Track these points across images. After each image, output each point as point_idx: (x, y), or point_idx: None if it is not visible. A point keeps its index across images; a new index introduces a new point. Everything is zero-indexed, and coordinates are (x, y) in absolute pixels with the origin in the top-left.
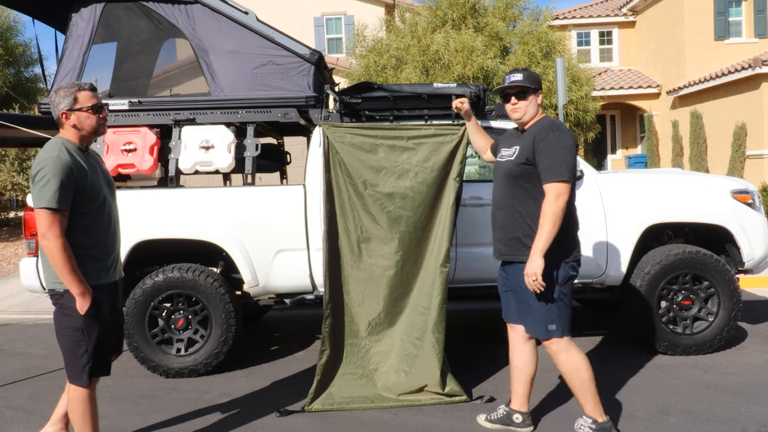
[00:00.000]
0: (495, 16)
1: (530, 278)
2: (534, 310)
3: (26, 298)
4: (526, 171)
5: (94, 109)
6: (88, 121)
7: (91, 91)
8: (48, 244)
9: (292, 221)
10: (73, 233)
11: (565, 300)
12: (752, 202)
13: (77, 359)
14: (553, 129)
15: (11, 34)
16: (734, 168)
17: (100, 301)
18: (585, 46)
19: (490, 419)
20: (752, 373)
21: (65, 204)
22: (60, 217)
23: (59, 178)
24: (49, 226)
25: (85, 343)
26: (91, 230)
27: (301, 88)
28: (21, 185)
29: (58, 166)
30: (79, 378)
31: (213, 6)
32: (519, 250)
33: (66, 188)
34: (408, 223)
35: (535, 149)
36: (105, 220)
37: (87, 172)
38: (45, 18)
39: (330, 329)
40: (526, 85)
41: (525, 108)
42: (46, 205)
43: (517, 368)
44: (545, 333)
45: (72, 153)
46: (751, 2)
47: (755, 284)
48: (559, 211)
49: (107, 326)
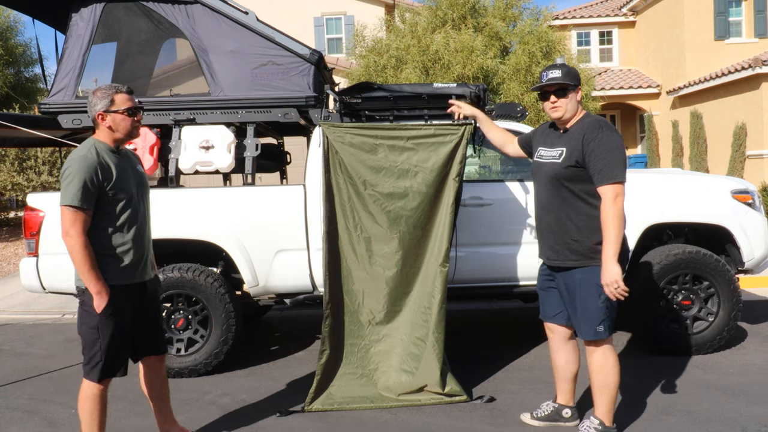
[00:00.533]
0: (495, 16)
1: (611, 287)
2: (584, 313)
3: (26, 298)
4: (575, 174)
5: (130, 112)
6: (123, 123)
7: (128, 94)
8: (70, 242)
9: (292, 221)
10: (96, 232)
11: (611, 300)
12: (752, 202)
13: (92, 356)
14: (602, 129)
15: (11, 33)
16: (734, 168)
17: (119, 301)
18: (585, 46)
19: (537, 417)
20: (752, 373)
21: (87, 203)
22: (83, 215)
23: (83, 177)
24: (71, 223)
25: (99, 340)
26: (114, 230)
27: (301, 88)
28: (21, 185)
29: (84, 166)
30: (90, 374)
31: (213, 6)
32: (568, 255)
33: (88, 188)
34: (408, 223)
35: (584, 151)
36: (129, 220)
37: (114, 173)
38: (45, 18)
39: (330, 329)
40: (565, 82)
41: (565, 106)
42: (69, 203)
43: (560, 367)
44: (594, 335)
45: (101, 153)
46: (751, 2)
47: (755, 284)
48: (620, 212)
49: (123, 327)
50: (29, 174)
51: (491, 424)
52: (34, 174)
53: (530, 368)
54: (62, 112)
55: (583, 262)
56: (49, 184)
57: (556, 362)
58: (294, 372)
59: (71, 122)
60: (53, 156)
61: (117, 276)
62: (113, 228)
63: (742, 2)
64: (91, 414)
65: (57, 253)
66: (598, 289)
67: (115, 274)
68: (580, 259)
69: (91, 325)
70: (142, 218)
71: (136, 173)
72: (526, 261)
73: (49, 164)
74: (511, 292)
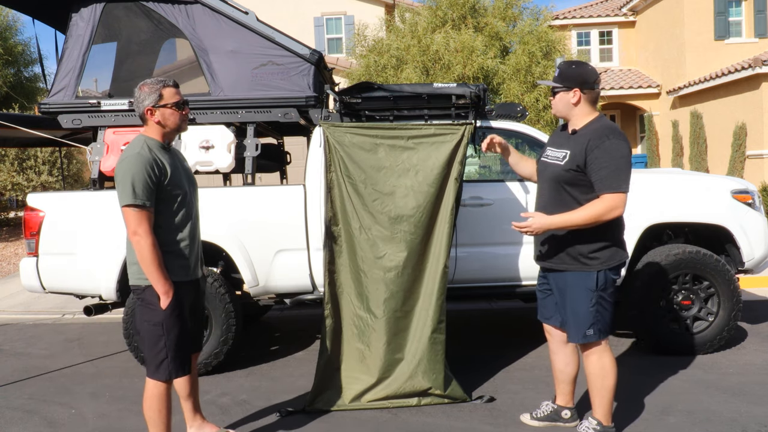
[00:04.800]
0: (495, 16)
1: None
2: (573, 316)
3: (26, 298)
4: (575, 178)
5: (178, 106)
6: (172, 117)
7: (175, 87)
8: (139, 241)
9: (292, 221)
10: (155, 230)
11: (604, 304)
12: (752, 202)
13: (156, 354)
14: (609, 135)
15: (10, 33)
16: (734, 168)
17: (181, 297)
18: (585, 46)
19: (536, 417)
20: (752, 373)
21: (148, 200)
22: (147, 213)
23: (142, 175)
24: (138, 223)
25: (164, 337)
26: (173, 227)
27: (301, 88)
28: (21, 185)
29: (140, 163)
30: (157, 373)
31: (213, 6)
32: (562, 259)
33: (147, 185)
34: (409, 223)
35: (587, 156)
36: (185, 216)
37: (168, 170)
38: (45, 18)
39: (330, 329)
40: (553, 84)
41: (555, 105)
42: (132, 202)
43: (559, 370)
44: (583, 338)
45: (153, 150)
46: (751, 2)
47: (755, 284)
48: (602, 219)
49: (186, 323)
50: (29, 174)
51: (491, 424)
52: (34, 174)
53: (530, 368)
54: (62, 112)
55: (575, 267)
56: (49, 184)
57: (555, 365)
58: (294, 372)
59: (71, 122)
60: (53, 156)
61: (178, 272)
62: (171, 225)
63: (742, 2)
64: (159, 412)
65: (57, 253)
66: (589, 293)
67: (176, 270)
68: (573, 263)
69: (154, 322)
70: (195, 215)
71: (186, 170)
72: (526, 261)
73: (49, 164)
74: (511, 292)
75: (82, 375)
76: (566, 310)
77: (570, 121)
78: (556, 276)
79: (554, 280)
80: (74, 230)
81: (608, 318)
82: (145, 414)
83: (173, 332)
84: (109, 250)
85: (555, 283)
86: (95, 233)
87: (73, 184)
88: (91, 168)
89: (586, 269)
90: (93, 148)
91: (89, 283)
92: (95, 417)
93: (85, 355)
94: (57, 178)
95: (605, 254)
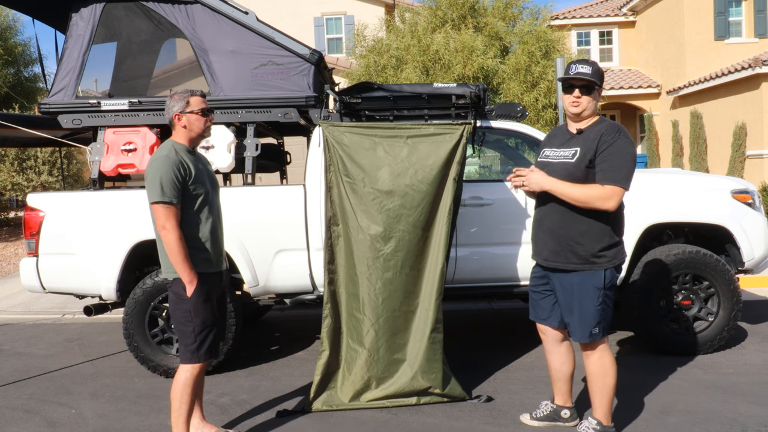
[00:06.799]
0: (495, 16)
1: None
2: (581, 316)
3: (26, 298)
4: (589, 174)
5: (203, 113)
6: (198, 123)
7: (201, 96)
8: (167, 235)
9: (292, 221)
10: (180, 225)
11: (608, 302)
12: (752, 202)
13: (188, 338)
14: (620, 133)
15: (10, 33)
16: (734, 168)
17: (207, 286)
18: (585, 46)
19: (536, 417)
20: (752, 373)
21: (175, 198)
22: (174, 209)
23: (169, 175)
24: (166, 218)
25: (192, 323)
26: (195, 224)
27: (301, 88)
28: (21, 185)
29: (168, 164)
30: (190, 357)
31: (213, 6)
32: (569, 258)
33: (175, 183)
34: (407, 222)
35: (598, 149)
36: (207, 214)
37: (193, 172)
38: (45, 18)
39: (329, 329)
40: (593, 80)
41: (587, 104)
42: (160, 199)
43: (555, 369)
44: (589, 337)
45: (180, 153)
46: (751, 2)
47: (755, 284)
48: (593, 204)
49: (214, 310)
50: (29, 174)
51: (491, 423)
52: (34, 174)
53: (530, 368)
54: (62, 112)
55: (582, 266)
56: (49, 184)
57: (551, 364)
58: (294, 372)
59: (71, 122)
60: (53, 156)
61: (202, 265)
62: (195, 221)
63: (742, 2)
64: (181, 398)
65: (57, 253)
66: (597, 292)
67: (201, 263)
68: (580, 263)
69: (184, 310)
70: (217, 213)
71: (209, 172)
72: (525, 261)
73: (49, 164)
74: (511, 292)
75: (82, 375)
76: (572, 309)
77: (577, 122)
78: (561, 276)
79: (559, 280)
80: (74, 230)
81: (610, 316)
82: (171, 399)
83: (200, 317)
84: (109, 250)
85: (560, 283)
86: (95, 233)
87: (73, 184)
88: (91, 168)
89: (595, 268)
90: (93, 148)
91: (89, 283)
92: (95, 417)
93: (85, 355)
94: (57, 178)
95: (611, 252)
